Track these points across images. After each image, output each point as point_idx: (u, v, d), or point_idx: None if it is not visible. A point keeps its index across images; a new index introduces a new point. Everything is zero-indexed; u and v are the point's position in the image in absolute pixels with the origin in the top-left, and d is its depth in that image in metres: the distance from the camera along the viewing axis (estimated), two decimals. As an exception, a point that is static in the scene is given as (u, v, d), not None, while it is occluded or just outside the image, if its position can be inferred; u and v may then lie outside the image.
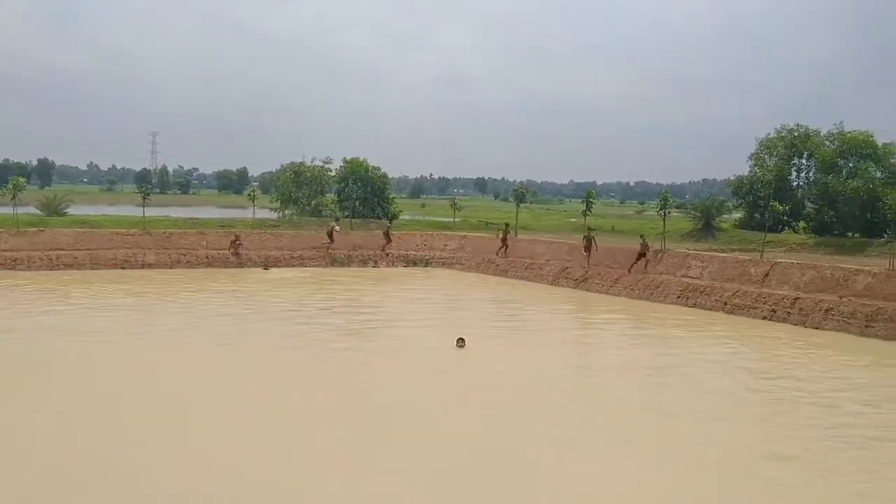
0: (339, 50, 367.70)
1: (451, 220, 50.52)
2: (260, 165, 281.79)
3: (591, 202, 40.15)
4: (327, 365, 17.74)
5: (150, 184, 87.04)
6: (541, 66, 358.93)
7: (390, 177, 57.43)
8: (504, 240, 37.82)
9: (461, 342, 19.62)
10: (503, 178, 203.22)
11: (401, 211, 57.91)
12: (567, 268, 34.04)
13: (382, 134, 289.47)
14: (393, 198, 56.92)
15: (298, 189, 53.23)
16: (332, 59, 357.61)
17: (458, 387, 16.20)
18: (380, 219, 50.23)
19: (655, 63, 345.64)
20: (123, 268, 33.32)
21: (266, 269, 35.69)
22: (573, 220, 51.95)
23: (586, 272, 32.84)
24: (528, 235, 41.76)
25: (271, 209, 54.57)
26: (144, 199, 39.99)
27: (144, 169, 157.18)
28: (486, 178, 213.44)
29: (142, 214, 39.02)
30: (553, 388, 16.18)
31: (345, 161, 53.50)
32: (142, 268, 33.73)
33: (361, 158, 53.14)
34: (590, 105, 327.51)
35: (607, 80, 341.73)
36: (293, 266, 36.70)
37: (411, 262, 39.39)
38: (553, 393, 15.82)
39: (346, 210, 48.28)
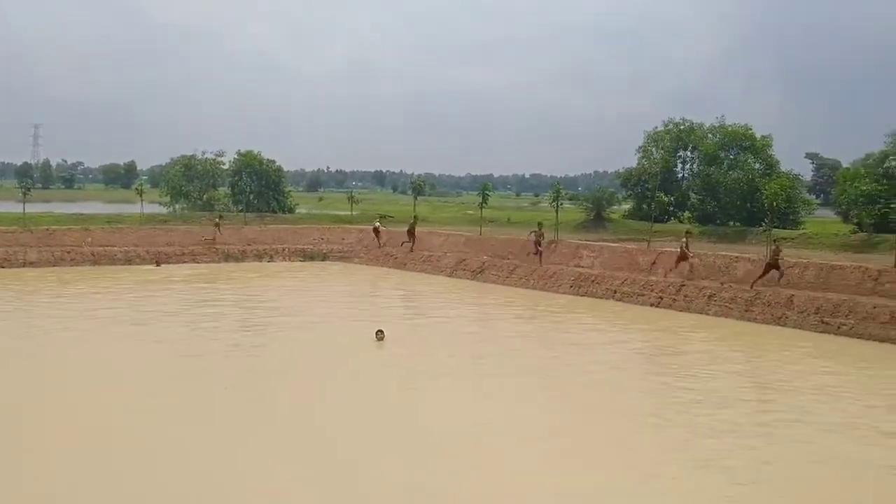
0: (235, 40, 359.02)
1: (349, 213, 50.18)
2: (149, 159, 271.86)
3: (488, 194, 40.66)
4: (238, 372, 17.28)
5: (32, 178, 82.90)
6: (441, 59, 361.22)
7: (286, 170, 56.63)
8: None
9: (380, 334, 19.56)
10: (402, 171, 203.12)
11: (297, 204, 57.18)
12: (464, 260, 34.39)
13: (279, 126, 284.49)
14: (289, 191, 56.17)
15: (189, 183, 51.83)
16: (228, 49, 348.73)
17: (389, 380, 16.17)
18: (275, 213, 49.42)
19: (552, 58, 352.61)
20: (3, 266, 31.64)
21: (157, 265, 34.56)
22: (470, 212, 52.42)
23: (483, 264, 33.27)
24: (426, 228, 41.93)
25: (161, 204, 52.91)
26: (25, 194, 38.11)
27: (25, 163, 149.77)
28: (385, 171, 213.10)
29: (22, 211, 37.06)
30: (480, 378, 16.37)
31: (238, 154, 52.40)
32: (23, 266, 32.12)
33: (256, 151, 52.22)
34: (488, 99, 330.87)
35: (505, 74, 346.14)
36: (185, 262, 35.67)
37: (308, 257, 38.91)
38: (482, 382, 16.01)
39: (241, 204, 47.25)
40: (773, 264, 24.13)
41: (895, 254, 25.54)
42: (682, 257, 27.43)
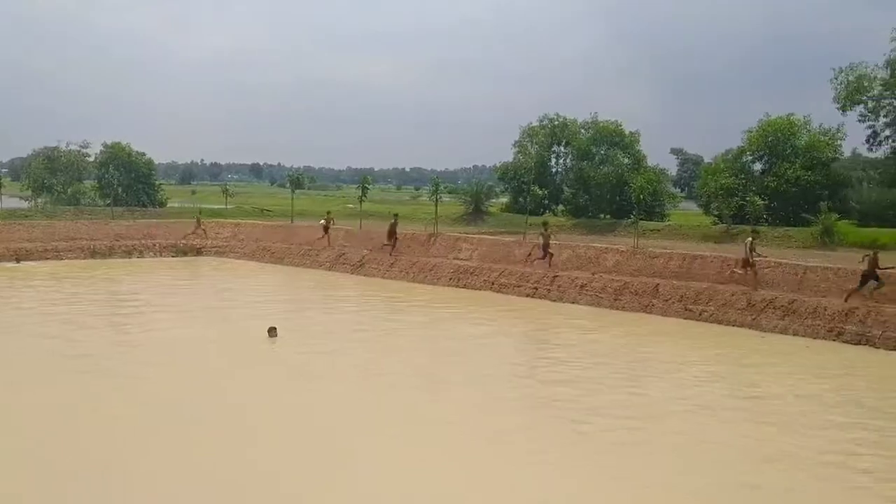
0: (104, 26, 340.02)
1: (224, 206, 48.96)
2: (9, 151, 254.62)
3: (367, 188, 40.66)
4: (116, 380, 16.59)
5: None
6: (320, 50, 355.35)
7: (157, 162, 54.59)
8: (392, 233, 32.95)
9: (273, 332, 19.19)
10: (280, 164, 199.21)
11: (169, 198, 55.25)
12: (344, 254, 34.25)
13: (150, 117, 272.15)
14: (159, 184, 54.20)
15: (53, 176, 49.15)
16: (96, 35, 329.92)
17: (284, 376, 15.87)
18: (145, 206, 47.59)
19: (432, 51, 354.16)
20: None
21: (18, 262, 32.64)
22: (350, 205, 52.21)
23: (363, 258, 33.24)
24: (306, 221, 41.46)
25: (22, 198, 49.97)
26: None
27: None
28: (263, 163, 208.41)
29: None
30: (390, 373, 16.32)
31: (105, 146, 50.12)
32: None
33: (124, 143, 50.08)
34: (368, 91, 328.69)
35: (386, 67, 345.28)
36: (48, 259, 33.81)
37: (181, 252, 37.69)
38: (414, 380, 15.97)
39: (108, 198, 45.22)
40: (870, 274, 21.52)
41: (750, 244, 27.28)
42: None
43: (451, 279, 29.68)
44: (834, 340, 20.28)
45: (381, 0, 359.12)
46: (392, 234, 33.00)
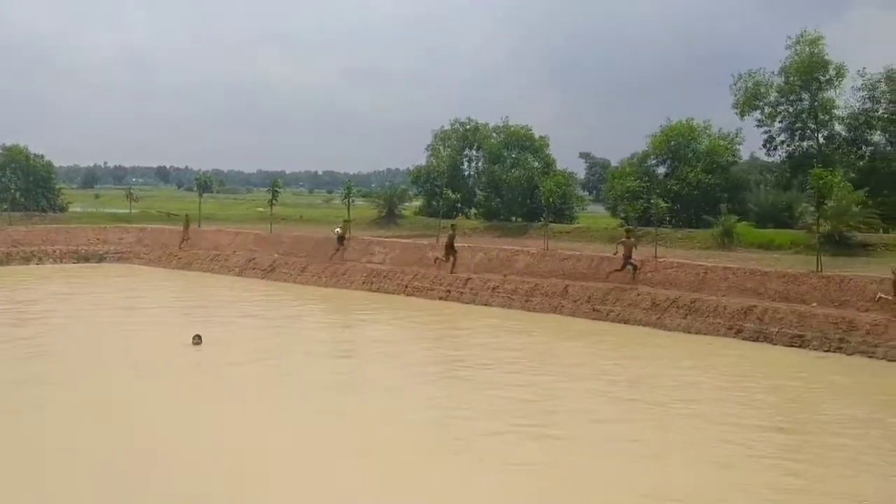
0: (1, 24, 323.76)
1: (128, 211, 47.39)
2: None
3: (278, 191, 40.03)
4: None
5: None
6: (230, 51, 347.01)
7: (58, 165, 52.45)
8: (450, 246, 29.25)
9: (197, 339, 18.66)
10: (187, 167, 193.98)
11: (70, 203, 53.12)
12: (254, 258, 33.67)
13: (51, 118, 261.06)
14: (60, 188, 52.07)
15: (-56, 180, 46.55)
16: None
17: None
18: (45, 212, 45.64)
19: (344, 53, 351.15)
20: None
21: None
22: (260, 209, 51.32)
23: (274, 262, 32.74)
24: (214, 226, 40.57)
25: None
26: None
27: None
28: (169, 166, 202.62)
29: None
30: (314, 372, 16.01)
31: (3, 148, 47.93)
32: None
33: (22, 145, 47.99)
34: (279, 93, 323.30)
35: (297, 68, 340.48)
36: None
37: (83, 258, 36.27)
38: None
39: (5, 203, 43.16)
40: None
41: (655, 246, 28.21)
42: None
43: (363, 283, 29.53)
44: (734, 338, 21.09)
45: (291, 1, 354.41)
46: (450, 246, 28.65)
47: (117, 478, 10.46)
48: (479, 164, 49.71)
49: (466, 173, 50.17)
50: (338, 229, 32.43)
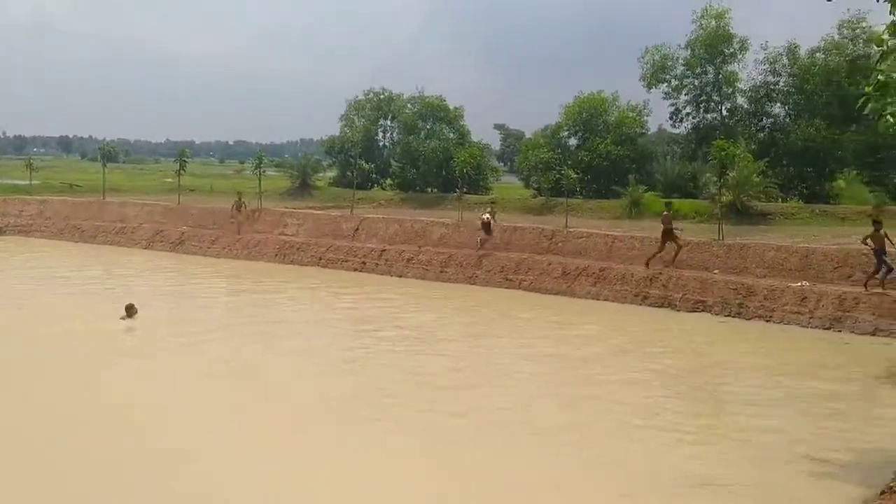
0: None
1: (28, 182, 45.26)
2: None
3: (186, 161, 38.87)
4: None
5: None
6: (134, 18, 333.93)
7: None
8: (488, 226, 26.54)
9: (132, 310, 18.06)
10: (91, 137, 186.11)
11: (-38, 174, 50.42)
12: (162, 230, 32.78)
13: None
14: (-49, 158, 49.33)
15: None
16: None
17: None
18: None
19: (256, 23, 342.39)
20: None
21: None
22: (169, 180, 49.74)
23: (183, 235, 31.91)
24: (118, 197, 39.20)
25: None
26: None
27: None
28: (72, 135, 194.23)
29: None
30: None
31: None
32: None
33: None
34: (188, 61, 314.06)
35: (206, 36, 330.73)
36: None
37: (-23, 233, 34.61)
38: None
39: None
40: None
41: (566, 216, 28.73)
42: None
43: (276, 255, 29.16)
44: (640, 304, 21.76)
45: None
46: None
47: None
48: (394, 134, 49.39)
49: (381, 144, 49.78)
50: (486, 215, 27.11)
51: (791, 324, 19.18)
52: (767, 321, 19.62)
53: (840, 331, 18.44)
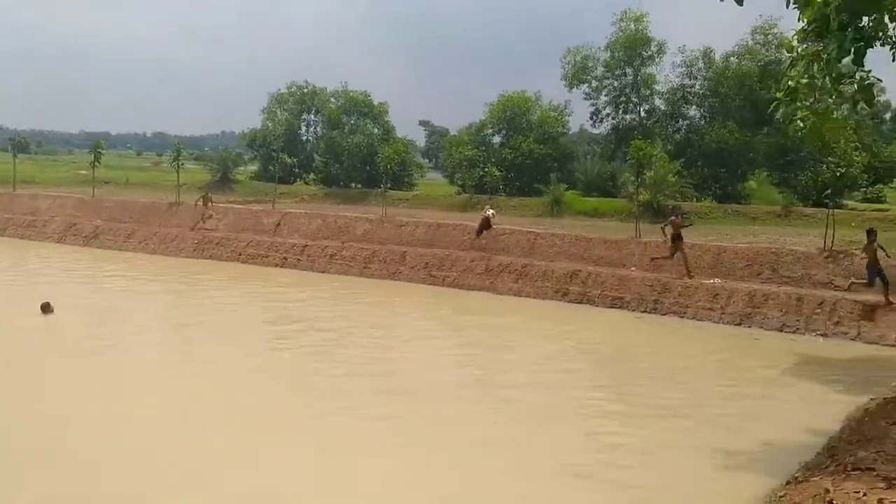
0: None
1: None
2: None
3: (101, 153, 37.68)
4: None
5: None
6: (48, 5, 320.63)
7: None
8: (488, 222, 25.94)
9: (48, 308, 17.44)
10: (2, 126, 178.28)
11: None
12: (75, 224, 31.67)
13: None
14: None
15: None
16: None
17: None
18: None
19: (179, 9, 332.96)
20: None
21: None
22: (83, 171, 48.06)
23: (97, 229, 30.93)
24: (30, 189, 37.72)
25: None
26: None
27: None
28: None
29: None
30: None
31: None
32: None
33: None
34: (104, 50, 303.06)
35: (122, 25, 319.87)
36: None
37: None
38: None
39: None
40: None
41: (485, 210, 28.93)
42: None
43: (194, 250, 28.54)
44: (560, 301, 22.16)
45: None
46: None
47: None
48: (318, 129, 48.97)
49: (304, 138, 49.30)
50: (490, 211, 26.58)
51: (704, 319, 19.86)
52: (681, 317, 20.26)
53: (750, 326, 19.20)
